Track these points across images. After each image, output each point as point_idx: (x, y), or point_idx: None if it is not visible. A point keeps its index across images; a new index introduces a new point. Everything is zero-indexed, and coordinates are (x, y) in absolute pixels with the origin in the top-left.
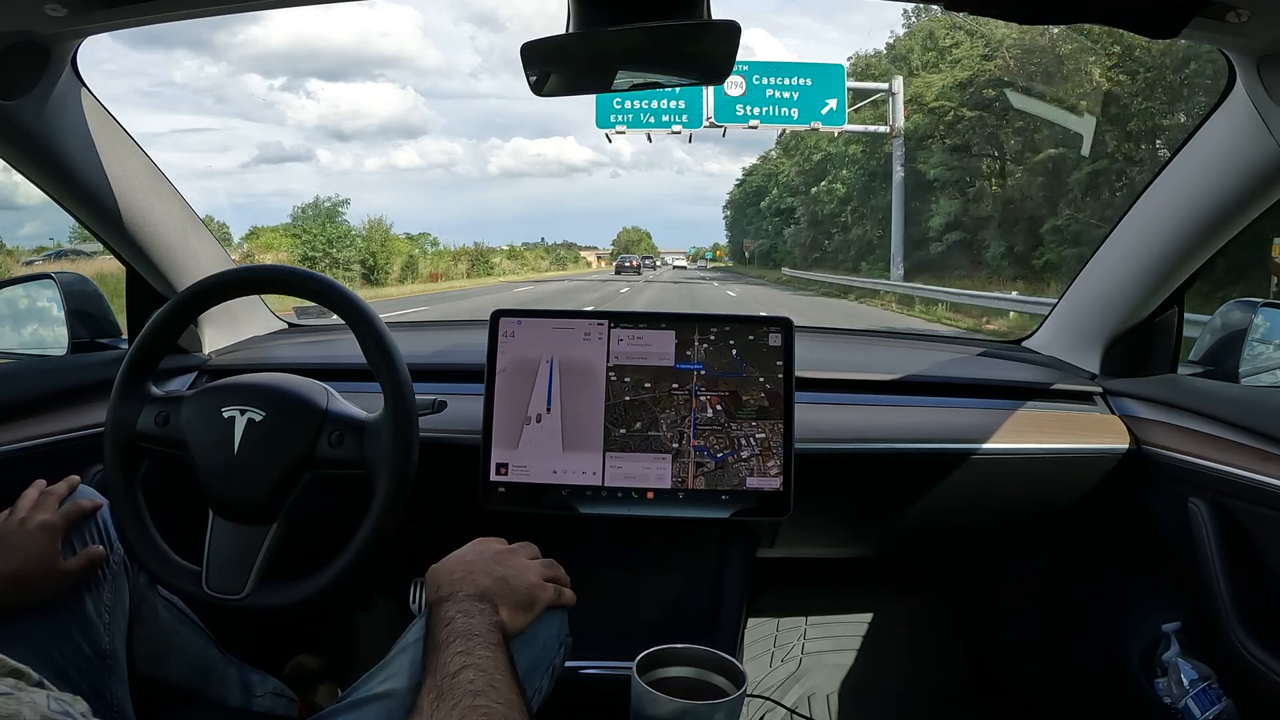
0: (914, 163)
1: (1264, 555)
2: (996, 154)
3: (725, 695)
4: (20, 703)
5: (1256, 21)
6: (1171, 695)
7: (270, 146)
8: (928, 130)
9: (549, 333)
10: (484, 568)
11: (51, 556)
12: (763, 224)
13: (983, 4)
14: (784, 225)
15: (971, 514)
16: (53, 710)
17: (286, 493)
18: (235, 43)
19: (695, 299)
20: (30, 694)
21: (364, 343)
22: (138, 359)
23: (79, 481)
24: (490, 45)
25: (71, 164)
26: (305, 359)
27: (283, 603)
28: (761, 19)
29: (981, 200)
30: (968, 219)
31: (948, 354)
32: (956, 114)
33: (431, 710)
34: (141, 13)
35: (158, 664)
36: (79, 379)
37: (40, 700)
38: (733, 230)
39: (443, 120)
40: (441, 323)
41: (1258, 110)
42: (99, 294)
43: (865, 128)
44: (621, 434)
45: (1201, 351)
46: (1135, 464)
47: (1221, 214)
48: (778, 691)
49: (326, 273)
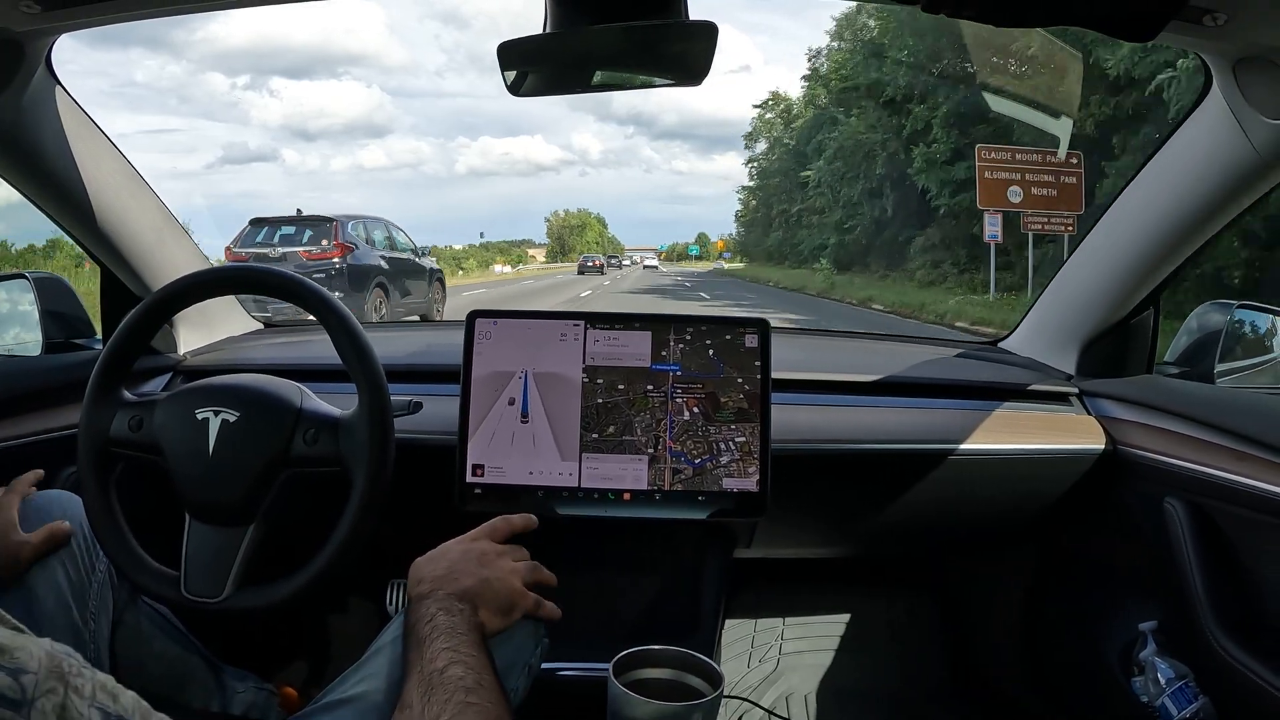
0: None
1: (1239, 554)
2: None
3: (702, 696)
4: (26, 639)
5: (1233, 25)
6: (1149, 693)
7: (235, 147)
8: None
9: (525, 334)
10: (467, 568)
11: (8, 526)
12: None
13: (960, 6)
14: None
15: (949, 514)
16: (56, 649)
17: (263, 493)
18: (194, 40)
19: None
20: (36, 639)
21: (338, 341)
22: (111, 361)
23: (41, 475)
24: (456, 43)
25: (47, 163)
26: (280, 359)
27: (262, 604)
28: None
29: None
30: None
31: (925, 354)
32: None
33: (422, 704)
34: (116, 10)
35: (138, 672)
36: (53, 379)
37: (44, 642)
38: (749, 217)
39: (409, 119)
40: (417, 323)
41: (1233, 113)
42: (73, 294)
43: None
44: (594, 438)
45: (1177, 352)
46: (1111, 464)
47: (1198, 216)
48: (755, 692)
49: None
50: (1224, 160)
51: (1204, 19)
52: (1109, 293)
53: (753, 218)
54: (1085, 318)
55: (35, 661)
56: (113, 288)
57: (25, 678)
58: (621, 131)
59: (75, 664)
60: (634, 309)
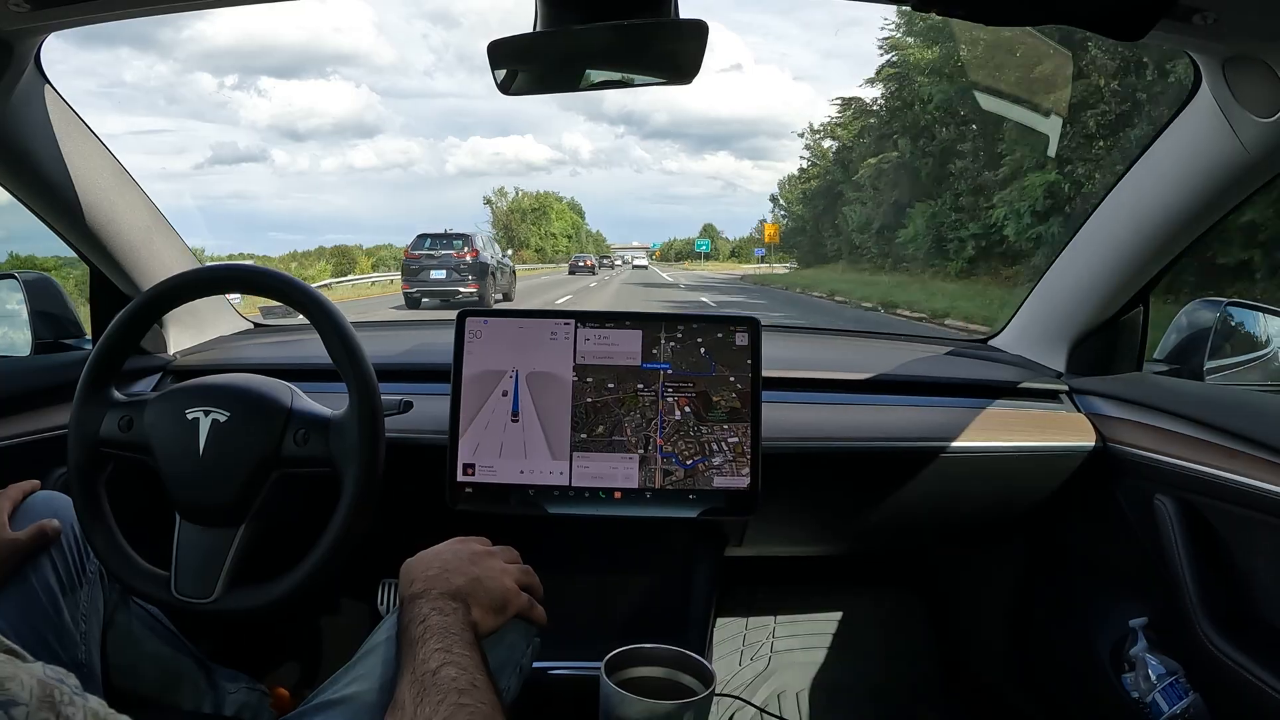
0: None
1: (1229, 551)
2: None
3: (694, 695)
4: (17, 667)
5: (1222, 24)
6: (1139, 690)
7: (225, 147)
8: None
9: (515, 333)
10: (459, 567)
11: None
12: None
13: (950, 5)
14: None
15: (939, 511)
16: (48, 676)
17: (254, 494)
18: (181, 39)
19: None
20: (28, 665)
21: (328, 340)
22: (100, 362)
23: (37, 485)
24: (445, 43)
25: (36, 161)
26: (271, 359)
27: (253, 605)
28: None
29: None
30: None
31: (915, 353)
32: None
33: (415, 705)
34: (105, 9)
35: (129, 674)
36: (42, 380)
37: (36, 669)
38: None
39: (399, 119)
40: (407, 323)
41: (1222, 112)
42: (63, 294)
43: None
44: (583, 438)
45: (1167, 350)
46: (1101, 461)
47: (1187, 214)
48: (747, 690)
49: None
50: (1213, 158)
51: (1193, 18)
52: (1098, 290)
53: (815, 187)
54: (1075, 315)
55: (26, 692)
56: (102, 287)
57: (16, 710)
58: (612, 131)
59: (67, 691)
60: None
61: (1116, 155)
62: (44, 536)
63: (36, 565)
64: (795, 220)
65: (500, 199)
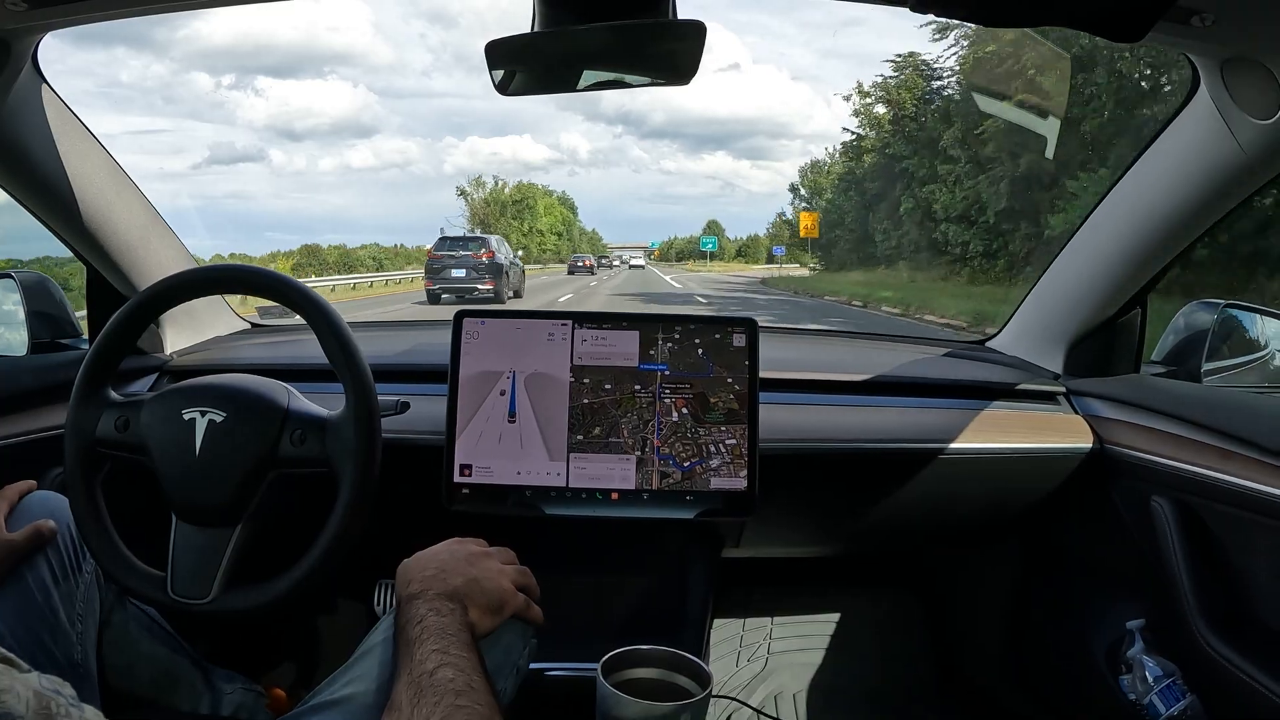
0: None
1: (1225, 552)
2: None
3: (691, 696)
4: (14, 679)
5: (1220, 26)
6: (1136, 691)
7: (222, 147)
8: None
9: (512, 333)
10: (455, 567)
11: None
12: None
13: (948, 6)
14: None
15: (937, 513)
16: (44, 687)
17: (250, 494)
18: (177, 38)
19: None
20: (24, 675)
21: (324, 340)
22: (96, 362)
23: (34, 485)
24: (443, 43)
25: (32, 161)
26: (268, 359)
27: (249, 606)
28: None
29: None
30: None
31: (913, 354)
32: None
33: (412, 706)
34: (102, 8)
35: (126, 674)
36: (39, 380)
37: (32, 679)
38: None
39: (397, 119)
40: (404, 323)
41: (1220, 113)
42: (60, 294)
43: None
44: (580, 439)
45: (1164, 351)
46: (1099, 463)
47: (1185, 216)
48: (744, 692)
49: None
50: (1211, 160)
51: (1192, 19)
52: (1096, 292)
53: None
54: (1072, 317)
55: (22, 704)
56: (99, 287)
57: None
58: (610, 131)
59: (64, 702)
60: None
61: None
62: (40, 537)
63: (32, 566)
64: (834, 212)
65: (477, 189)
